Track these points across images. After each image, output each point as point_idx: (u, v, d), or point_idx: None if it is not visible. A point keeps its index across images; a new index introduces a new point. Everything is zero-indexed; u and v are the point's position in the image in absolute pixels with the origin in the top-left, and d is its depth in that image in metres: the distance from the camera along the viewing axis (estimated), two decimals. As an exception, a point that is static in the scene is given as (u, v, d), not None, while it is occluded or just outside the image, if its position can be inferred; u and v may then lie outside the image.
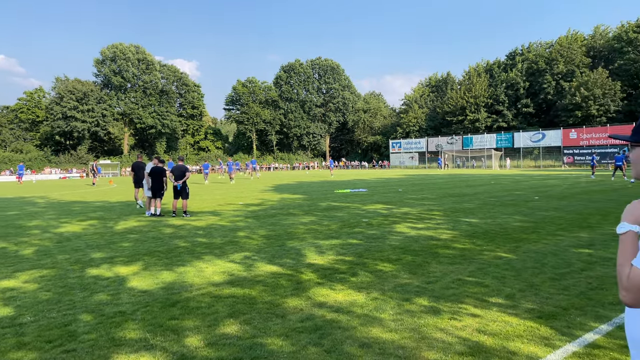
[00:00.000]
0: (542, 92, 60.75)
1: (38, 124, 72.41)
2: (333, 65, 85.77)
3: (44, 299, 5.04)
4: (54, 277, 6.05)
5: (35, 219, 12.70)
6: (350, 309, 4.49)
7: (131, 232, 9.77)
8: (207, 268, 6.34)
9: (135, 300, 4.93)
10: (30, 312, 4.60)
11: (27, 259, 7.25)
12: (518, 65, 64.05)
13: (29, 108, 72.43)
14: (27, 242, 8.78)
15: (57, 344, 3.79)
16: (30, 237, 9.38)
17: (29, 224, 11.61)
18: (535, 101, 62.21)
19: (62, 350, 3.66)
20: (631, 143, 1.53)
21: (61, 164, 65.42)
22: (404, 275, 5.72)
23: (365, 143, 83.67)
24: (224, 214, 12.61)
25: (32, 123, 72.47)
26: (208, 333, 3.95)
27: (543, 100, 61.45)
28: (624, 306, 1.43)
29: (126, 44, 71.62)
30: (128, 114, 71.11)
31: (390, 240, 8.13)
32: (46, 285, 5.64)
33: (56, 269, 6.52)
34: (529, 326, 3.95)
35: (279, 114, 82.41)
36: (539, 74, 61.29)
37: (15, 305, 4.85)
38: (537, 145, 54.99)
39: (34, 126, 72.82)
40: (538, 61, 61.67)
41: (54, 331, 4.07)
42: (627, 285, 1.38)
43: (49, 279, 5.92)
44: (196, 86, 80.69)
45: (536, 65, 61.83)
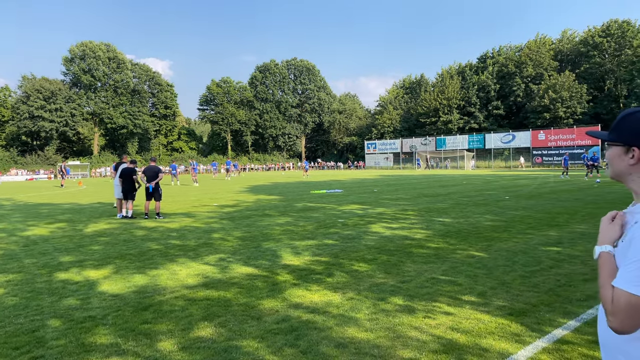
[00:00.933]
0: (512, 95, 62.35)
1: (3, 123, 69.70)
2: (309, 66, 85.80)
3: (10, 304, 4.86)
4: (20, 281, 5.84)
5: (0, 222, 12.25)
6: (326, 309, 4.50)
7: (102, 235, 9.53)
8: (181, 271, 6.25)
9: (106, 305, 4.81)
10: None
11: (-9, 263, 6.97)
12: (489, 68, 65.54)
13: (-7, 107, 69.69)
14: (-9, 246, 8.44)
15: (25, 350, 3.67)
16: (-5, 241, 9.03)
17: (-7, 227, 11.18)
18: (505, 103, 63.79)
19: (30, 357, 3.55)
20: (607, 142, 1.52)
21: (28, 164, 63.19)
22: (379, 274, 5.77)
23: (341, 144, 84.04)
24: (199, 216, 12.45)
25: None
26: (182, 337, 3.89)
27: (513, 102, 63.07)
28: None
29: (96, 42, 69.77)
30: (98, 114, 69.28)
31: (365, 240, 8.19)
32: (12, 290, 5.44)
33: (23, 273, 6.30)
34: (501, 323, 4.04)
35: (254, 115, 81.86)
36: (509, 76, 62.88)
37: (-21, 312, 4.66)
38: (507, 146, 56.36)
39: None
40: (508, 64, 63.27)
41: (22, 337, 3.94)
42: (612, 309, 1.27)
43: (16, 284, 5.71)
44: (169, 86, 79.33)
45: (506, 68, 63.41)
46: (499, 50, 69.10)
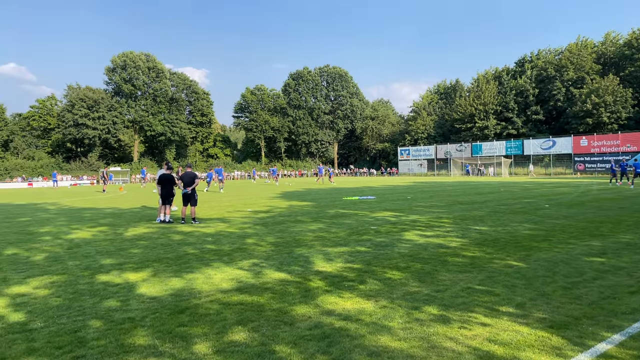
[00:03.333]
0: (552, 99, 60.37)
1: (50, 131, 73.43)
2: (341, 72, 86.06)
3: (54, 305, 5.08)
4: (64, 283, 6.10)
5: (46, 225, 12.83)
6: (358, 317, 4.47)
7: (140, 239, 9.83)
8: (216, 275, 6.35)
9: (145, 307, 4.95)
10: (41, 318, 4.63)
11: (38, 265, 7.31)
12: (527, 72, 63.78)
13: (41, 115, 73.54)
14: (38, 248, 8.86)
15: (67, 350, 3.81)
16: (42, 244, 9.47)
17: (40, 230, 11.73)
18: (545, 108, 61.82)
19: (72, 356, 3.68)
20: None
21: (72, 170, 66.14)
22: (413, 283, 5.68)
23: (374, 150, 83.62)
24: (233, 221, 12.65)
25: (43, 130, 73.52)
26: (216, 340, 3.95)
27: (553, 107, 61.05)
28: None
29: (136, 52, 72.54)
30: (138, 122, 71.83)
31: (398, 247, 8.09)
32: (57, 291, 5.69)
33: (67, 275, 6.57)
34: (540, 336, 3.89)
35: (287, 121, 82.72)
36: (549, 80, 60.95)
37: (26, 311, 4.89)
38: (547, 153, 54.56)
39: (45, 133, 73.87)
40: (547, 68, 61.36)
41: (64, 337, 4.10)
42: None
43: (60, 285, 5.96)
44: (205, 94, 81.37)
45: (545, 72, 61.51)
46: (538, 53, 67.19)
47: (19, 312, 4.86)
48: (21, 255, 8.21)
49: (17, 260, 7.69)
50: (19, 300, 5.28)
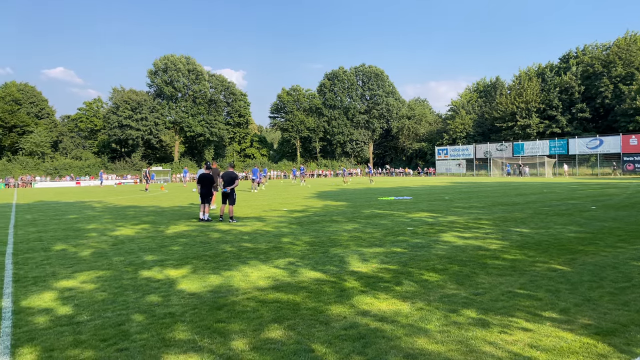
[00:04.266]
0: (598, 96, 57.67)
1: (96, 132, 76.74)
2: (377, 71, 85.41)
3: (99, 299, 5.31)
4: (109, 278, 6.36)
5: (93, 222, 13.42)
6: (394, 318, 4.43)
7: (181, 237, 10.12)
8: (253, 273, 6.46)
9: (184, 302, 5.09)
10: (87, 312, 4.85)
11: (85, 260, 7.66)
12: (572, 68, 61.21)
13: (88, 117, 76.97)
14: (85, 245, 9.29)
15: (112, 342, 3.97)
16: (88, 240, 9.92)
17: (87, 227, 12.29)
18: (591, 106, 59.13)
19: (116, 349, 3.83)
20: None
21: (117, 170, 68.85)
22: (451, 285, 5.57)
23: (410, 150, 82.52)
24: (269, 220, 12.81)
25: (90, 131, 76.91)
26: (253, 337, 4.02)
27: (600, 104, 58.30)
28: None
29: (177, 55, 74.64)
30: (179, 123, 73.92)
31: (436, 249, 7.96)
32: (102, 285, 5.94)
33: (111, 270, 6.86)
34: (585, 342, 3.73)
35: (322, 121, 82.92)
36: (595, 77, 58.25)
37: (74, 304, 5.13)
38: (594, 152, 52.17)
39: (92, 134, 77.25)
40: (594, 64, 58.66)
41: (109, 330, 4.27)
42: None
43: (105, 280, 6.23)
44: (243, 95, 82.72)
45: (592, 69, 58.83)
46: (584, 49, 64.30)
47: (67, 305, 5.10)
48: (69, 250, 8.62)
49: (65, 256, 8.08)
50: (67, 294, 5.55)
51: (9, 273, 6.73)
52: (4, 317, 4.68)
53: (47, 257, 7.94)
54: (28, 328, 4.35)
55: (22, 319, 4.61)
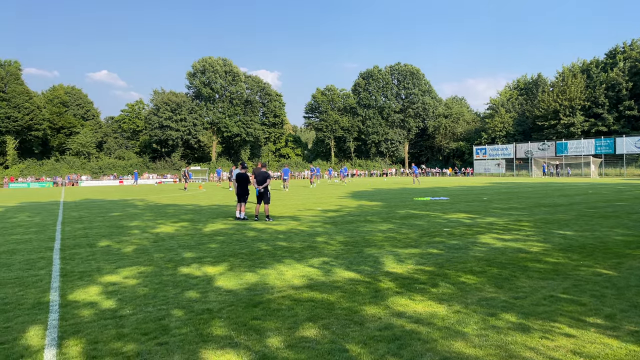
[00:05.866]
0: (649, 93, 54.68)
1: (138, 133, 79.57)
2: (413, 70, 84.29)
3: (141, 294, 5.50)
4: (150, 273, 6.58)
5: (135, 219, 13.92)
6: (430, 320, 4.36)
7: (218, 234, 10.33)
8: (288, 271, 6.51)
9: (222, 299, 5.20)
10: (130, 306, 5.03)
11: (128, 256, 7.96)
12: (619, 64, 58.33)
13: (131, 118, 79.93)
14: (128, 241, 9.64)
15: (152, 336, 4.10)
16: (131, 237, 10.29)
17: (129, 224, 12.75)
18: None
19: (156, 342, 3.96)
20: None
21: (157, 169, 71.16)
22: (489, 288, 5.43)
23: (447, 149, 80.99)
24: (304, 219, 12.89)
25: (133, 132, 79.84)
26: (288, 335, 4.05)
27: (651, 101, 55.27)
28: None
29: (215, 57, 76.30)
30: (216, 123, 75.56)
31: (473, 251, 7.77)
32: (144, 281, 6.15)
33: (152, 266, 7.09)
34: (632, 350, 3.55)
35: (357, 121, 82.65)
36: (646, 72, 55.27)
37: (117, 298, 5.34)
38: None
39: (134, 135, 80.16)
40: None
41: (150, 324, 4.42)
42: None
43: (146, 276, 6.44)
44: (278, 95, 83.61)
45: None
46: (632, 44, 61.11)
47: (111, 299, 5.31)
48: (113, 247, 8.98)
49: (109, 252, 8.42)
50: (110, 289, 5.78)
51: (57, 268, 7.08)
52: (51, 310, 4.92)
53: (92, 253, 8.29)
54: (74, 321, 4.55)
55: (69, 312, 4.84)
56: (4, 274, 6.70)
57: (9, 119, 62.79)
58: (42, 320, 4.59)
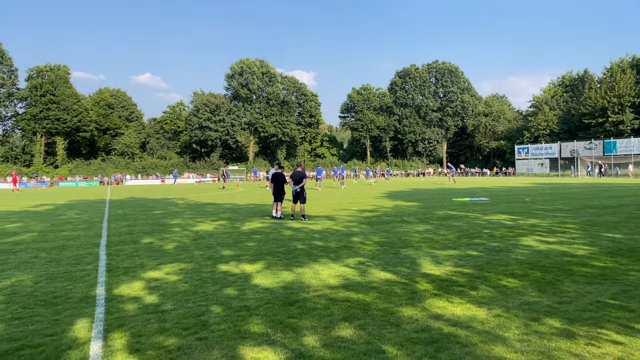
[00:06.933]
0: None
1: (179, 133, 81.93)
2: (451, 68, 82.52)
3: (182, 290, 5.66)
4: (190, 270, 6.76)
5: (176, 217, 14.34)
6: (469, 324, 4.26)
7: (255, 233, 10.50)
8: (323, 271, 6.54)
9: (259, 297, 5.28)
10: (171, 301, 5.19)
11: (169, 253, 8.21)
12: (676, 57, 54.93)
13: (172, 120, 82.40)
14: (170, 238, 9.95)
15: (192, 331, 4.22)
16: (172, 234, 10.61)
17: (171, 222, 13.15)
18: (699, 98, 52.69)
19: (196, 337, 4.07)
20: None
21: (197, 169, 73.01)
22: (532, 292, 5.25)
23: (487, 149, 78.81)
24: (339, 219, 12.88)
25: (174, 133, 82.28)
26: (324, 334, 4.07)
27: None
28: None
29: (252, 59, 77.50)
30: (253, 124, 76.75)
31: (515, 253, 7.54)
32: (184, 277, 6.33)
33: (192, 263, 7.28)
34: (692, 364, 3.34)
35: (393, 120, 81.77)
36: None
37: (159, 294, 5.52)
38: (702, 150, 46.47)
39: (175, 136, 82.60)
40: None
41: (190, 320, 4.54)
42: None
43: (187, 272, 6.63)
44: (314, 95, 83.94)
45: (701, 56, 52.39)
46: (690, 35, 57.34)
47: (153, 294, 5.50)
48: (155, 244, 9.29)
49: (152, 248, 8.72)
50: (153, 284, 5.98)
51: (103, 263, 7.40)
52: (98, 304, 5.15)
53: (136, 250, 8.61)
54: (119, 315, 4.74)
55: (114, 306, 5.05)
56: (54, 268, 7.07)
57: (58, 120, 66.12)
58: (89, 313, 4.81)
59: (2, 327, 4.40)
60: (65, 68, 69.29)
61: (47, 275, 6.55)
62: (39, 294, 5.55)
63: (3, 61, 65.21)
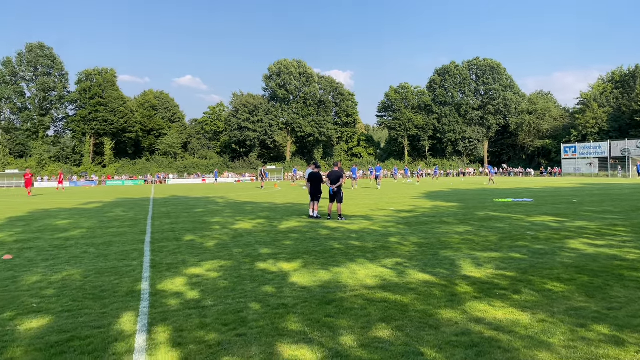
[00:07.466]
0: None
1: (219, 134, 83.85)
2: (493, 64, 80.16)
3: (222, 287, 5.79)
4: (230, 267, 6.91)
5: (216, 216, 14.68)
6: (512, 328, 4.13)
7: (292, 232, 10.59)
8: (360, 271, 6.51)
9: (296, 295, 5.32)
10: (212, 297, 5.32)
11: (210, 250, 8.42)
12: None
13: (212, 120, 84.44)
14: (210, 236, 10.19)
15: (232, 327, 4.31)
16: (213, 232, 10.87)
17: (211, 220, 13.48)
18: None
19: (235, 334, 4.15)
20: None
21: (236, 168, 74.51)
22: (579, 297, 5.03)
23: (531, 148, 76.09)
24: (376, 219, 12.79)
25: (214, 133, 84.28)
26: (361, 334, 4.05)
27: None
28: None
29: (289, 60, 78.23)
30: (290, 124, 77.46)
31: (561, 257, 7.24)
32: (224, 274, 6.47)
33: (232, 260, 7.44)
34: None
35: (432, 119, 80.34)
36: None
37: (200, 290, 5.67)
38: None
39: (215, 136, 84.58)
40: None
41: (229, 316, 4.64)
42: None
43: (226, 269, 6.78)
44: (350, 95, 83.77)
45: None
46: None
47: (195, 290, 5.65)
48: (197, 241, 9.54)
49: (193, 246, 8.96)
50: (194, 280, 6.15)
51: (147, 259, 7.67)
52: (142, 298, 5.34)
53: (179, 246, 8.88)
54: (162, 309, 4.91)
55: (158, 301, 5.23)
56: (102, 263, 7.40)
57: (106, 122, 69.15)
58: (134, 307, 5.00)
59: (53, 319, 4.64)
60: (112, 71, 72.39)
61: (95, 270, 6.86)
62: (88, 288, 5.83)
63: (55, 66, 68.96)
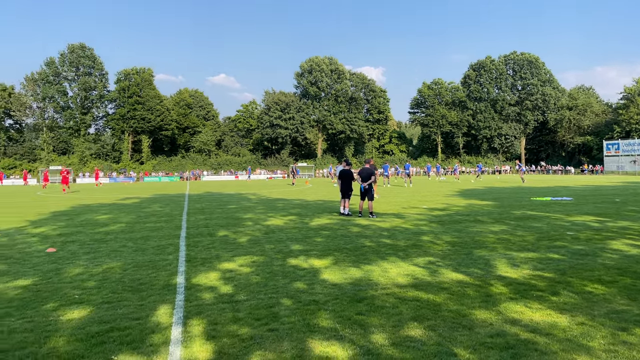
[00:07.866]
0: None
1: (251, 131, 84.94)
2: (530, 58, 77.57)
3: (254, 282, 5.88)
4: (262, 263, 7.00)
5: (249, 212, 14.90)
6: (549, 331, 4.01)
7: (323, 229, 10.62)
8: (392, 269, 6.47)
9: (327, 292, 5.34)
10: (244, 292, 5.41)
11: (243, 246, 8.56)
12: None
13: (245, 118, 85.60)
14: (243, 232, 10.36)
15: (264, 322, 4.37)
16: (245, 228, 11.04)
17: (244, 216, 13.69)
18: None
19: (267, 328, 4.21)
20: None
21: (268, 165, 75.29)
22: (621, 300, 4.82)
23: (571, 145, 73.32)
24: (408, 217, 12.66)
25: (247, 131, 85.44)
26: (392, 333, 4.03)
27: None
28: None
29: (321, 57, 78.21)
30: (321, 121, 77.54)
31: (602, 258, 6.96)
32: (256, 270, 6.57)
33: (264, 256, 7.53)
34: None
35: (466, 115, 78.58)
36: None
37: (233, 284, 5.77)
38: None
39: (248, 133, 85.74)
40: None
41: (261, 311, 4.71)
42: None
43: (259, 265, 6.88)
44: (382, 91, 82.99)
45: None
46: None
47: (228, 285, 5.77)
48: (230, 237, 9.72)
49: (227, 241, 9.13)
50: (228, 275, 6.27)
51: (183, 254, 7.88)
52: (178, 292, 5.49)
53: (212, 242, 9.07)
54: (197, 303, 5.03)
55: (192, 294, 5.36)
56: (140, 257, 7.65)
57: (144, 120, 71.21)
58: (170, 300, 5.15)
59: (94, 310, 4.84)
60: (149, 71, 74.41)
61: (133, 264, 7.10)
62: (127, 281, 6.04)
63: (95, 66, 71.50)
